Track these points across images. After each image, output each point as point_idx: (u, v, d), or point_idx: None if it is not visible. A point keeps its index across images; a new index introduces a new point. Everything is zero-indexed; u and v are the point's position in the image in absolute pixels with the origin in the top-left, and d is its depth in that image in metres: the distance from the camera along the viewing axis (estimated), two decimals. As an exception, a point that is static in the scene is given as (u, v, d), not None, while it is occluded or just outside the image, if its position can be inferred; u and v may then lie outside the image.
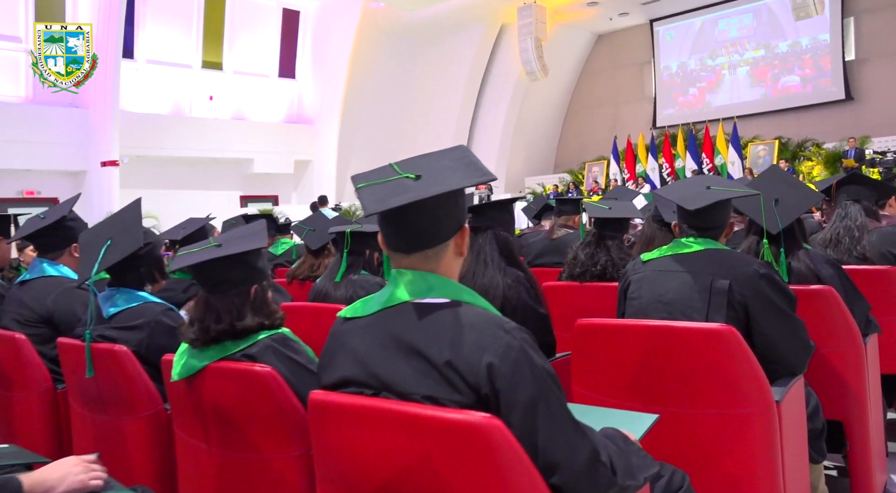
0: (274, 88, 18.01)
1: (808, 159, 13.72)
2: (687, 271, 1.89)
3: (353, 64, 17.34)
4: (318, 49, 18.09)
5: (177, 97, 16.25)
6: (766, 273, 1.86)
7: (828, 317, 2.20)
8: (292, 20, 18.06)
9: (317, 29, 18.07)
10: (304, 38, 18.30)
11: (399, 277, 1.17)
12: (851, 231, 2.83)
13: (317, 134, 18.35)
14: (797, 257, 2.29)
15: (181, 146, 16.16)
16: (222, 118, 16.92)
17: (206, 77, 16.65)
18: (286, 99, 18.42)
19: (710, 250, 1.93)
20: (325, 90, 18.00)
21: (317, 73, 18.22)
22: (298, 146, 18.40)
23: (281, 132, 18.12)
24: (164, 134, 15.65)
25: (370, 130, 18.27)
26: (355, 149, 18.09)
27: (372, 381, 1.13)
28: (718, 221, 1.98)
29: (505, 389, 1.05)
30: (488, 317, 1.12)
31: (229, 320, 1.48)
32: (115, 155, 14.21)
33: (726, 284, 1.83)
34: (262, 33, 17.44)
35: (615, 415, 1.48)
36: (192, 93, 16.44)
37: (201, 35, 16.32)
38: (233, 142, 16.99)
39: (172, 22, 15.70)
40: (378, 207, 1.11)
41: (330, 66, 17.68)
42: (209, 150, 16.67)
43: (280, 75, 18.10)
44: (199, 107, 16.61)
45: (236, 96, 17.18)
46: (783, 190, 2.32)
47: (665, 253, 1.98)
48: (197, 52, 16.39)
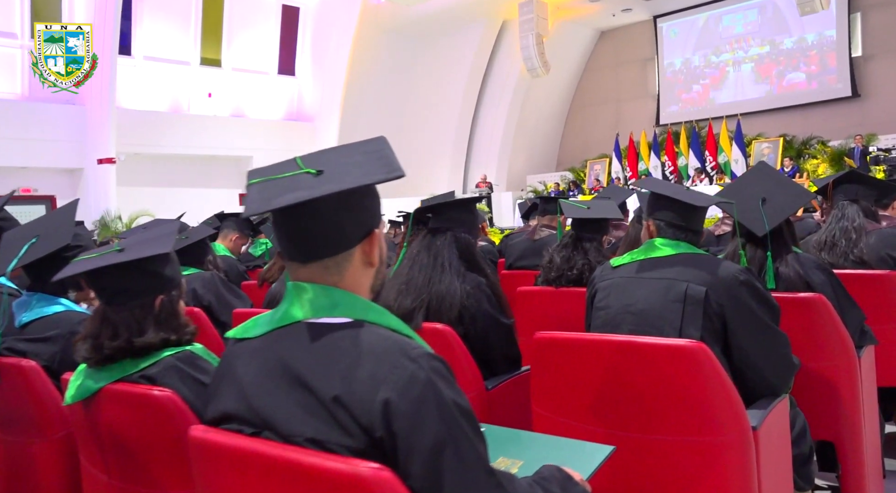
0: (273, 85, 17.87)
1: (814, 157, 13.47)
2: (659, 278, 1.71)
3: (353, 61, 17.19)
4: (317, 46, 17.94)
5: (175, 94, 16.13)
6: (747, 280, 1.67)
7: (818, 328, 2.01)
8: (292, 16, 17.91)
9: (317, 25, 17.93)
10: (304, 35, 18.15)
11: (296, 291, 0.99)
12: (848, 233, 2.63)
13: (317, 131, 18.20)
14: (785, 261, 2.10)
15: (179, 143, 16.07)
16: (221, 115, 16.80)
17: (205, 74, 16.52)
18: (286, 96, 18.28)
19: (686, 255, 1.74)
20: (325, 87, 17.86)
21: (317, 70, 18.07)
22: (298, 144, 18.20)
23: (280, 130, 17.99)
24: (162, 131, 15.54)
25: (370, 128, 18.08)
26: (355, 146, 17.95)
27: (253, 418, 0.95)
28: (697, 223, 1.80)
29: (404, 431, 0.87)
30: (393, 341, 0.94)
31: (127, 336, 1.31)
32: (111, 152, 14.10)
33: (702, 291, 1.64)
34: (261, 30, 17.30)
35: (564, 446, 1.29)
36: (190, 90, 16.32)
37: (199, 31, 16.19)
38: (232, 139, 16.86)
39: (170, 18, 15.57)
40: (258, 208, 0.94)
41: (330, 62, 17.53)
42: (208, 147, 16.56)
43: (279, 72, 17.96)
44: (197, 104, 16.49)
45: (235, 93, 17.05)
46: (771, 188, 2.13)
47: (636, 257, 1.79)
48: (195, 48, 16.26)
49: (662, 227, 1.77)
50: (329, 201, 0.96)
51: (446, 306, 1.94)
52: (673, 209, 1.76)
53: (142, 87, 15.38)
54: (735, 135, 14.37)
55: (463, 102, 18.49)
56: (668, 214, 1.76)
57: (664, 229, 1.77)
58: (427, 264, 2.00)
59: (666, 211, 1.77)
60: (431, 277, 1.97)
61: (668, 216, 1.76)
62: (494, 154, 18.92)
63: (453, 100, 18.47)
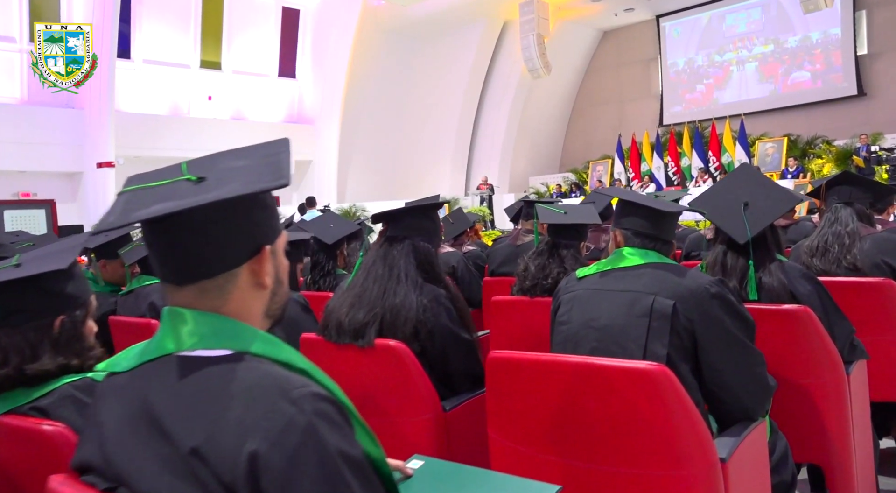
0: (274, 88, 17.80)
1: (819, 157, 13.26)
2: (624, 290, 1.57)
3: (353, 62, 17.09)
4: (318, 48, 17.86)
5: (175, 97, 16.08)
6: (719, 292, 1.53)
7: (803, 341, 1.87)
8: (292, 19, 17.84)
9: (317, 27, 17.85)
10: (304, 37, 18.08)
11: (170, 318, 0.85)
12: (841, 238, 2.48)
13: (317, 134, 18.12)
14: (769, 270, 1.95)
15: (180, 147, 15.98)
16: (221, 118, 16.73)
17: (205, 77, 16.47)
18: (286, 99, 18.20)
19: (654, 265, 1.60)
20: (325, 89, 17.77)
21: (317, 73, 17.99)
22: (299, 146, 18.17)
23: (281, 132, 17.80)
24: (162, 135, 15.50)
25: (371, 130, 18.02)
26: (356, 148, 17.86)
27: (108, 471, 0.81)
28: (667, 231, 1.66)
29: (274, 491, 0.72)
30: (273, 378, 0.79)
31: (17, 363, 1.18)
32: (111, 156, 14.06)
33: (670, 305, 1.50)
34: (261, 32, 17.24)
35: (508, 485, 1.16)
36: (190, 93, 16.26)
37: (199, 34, 16.15)
38: (232, 142, 16.32)
39: (169, 21, 15.52)
40: (113, 222, 0.81)
41: (330, 65, 17.45)
42: (208, 150, 15.75)
43: (280, 75, 17.89)
44: (197, 107, 16.43)
45: (235, 96, 16.99)
46: (754, 192, 1.99)
47: (602, 268, 1.65)
48: (195, 51, 16.21)
49: (630, 236, 1.64)
50: (204, 213, 0.82)
51: (401, 320, 1.80)
52: (640, 216, 1.62)
53: (141, 90, 15.34)
54: (739, 135, 14.17)
55: (464, 103, 18.36)
56: (635, 222, 1.62)
57: (631, 239, 1.63)
58: (382, 275, 1.86)
59: (633, 218, 1.63)
60: (386, 288, 1.84)
61: (636, 224, 1.62)
62: (496, 155, 18.78)
63: (454, 101, 18.34)
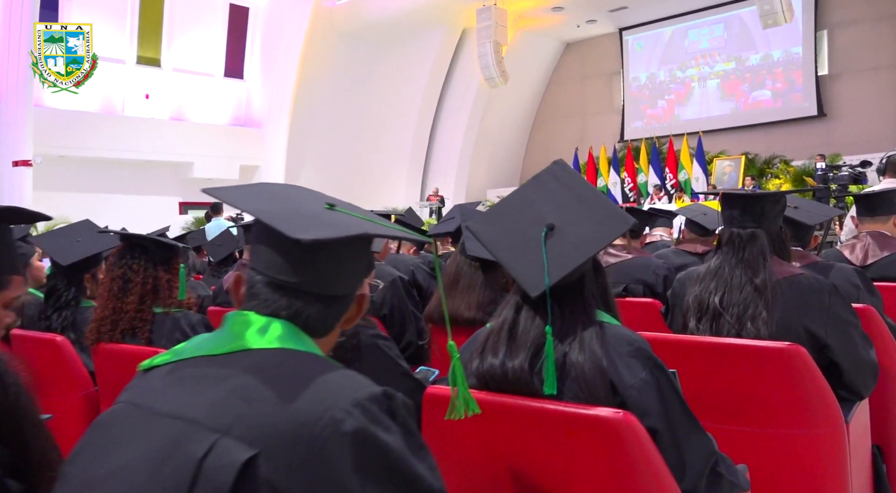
0: (219, 88, 16.91)
1: (776, 177, 12.81)
2: (172, 416, 0.76)
3: (304, 65, 16.29)
4: (268, 48, 17.03)
5: (108, 94, 15.06)
6: (361, 430, 0.76)
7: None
8: (240, 17, 17.01)
9: (267, 27, 17.04)
10: (254, 36, 17.24)
11: None
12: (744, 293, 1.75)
13: (265, 138, 17.25)
14: (580, 340, 1.18)
15: (112, 147, 15.04)
16: (160, 118, 15.77)
17: (142, 74, 15.53)
18: (232, 100, 17.30)
19: (271, 354, 0.81)
20: (275, 92, 16.93)
21: (267, 74, 17.14)
22: (245, 150, 17.30)
23: (225, 135, 17.01)
24: (91, 133, 14.50)
25: (324, 136, 17.19)
26: (306, 155, 17.02)
27: None
28: (334, 280, 0.87)
29: None
30: None
31: None
32: (28, 154, 13.02)
33: (242, 458, 0.70)
34: (206, 29, 16.37)
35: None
36: (125, 90, 15.29)
37: (136, 28, 15.22)
38: (171, 144, 15.84)
39: (103, 12, 14.53)
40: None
41: (281, 66, 16.64)
42: (144, 151, 15.52)
43: (226, 75, 17.03)
44: (133, 105, 15.46)
45: (176, 95, 16.04)
46: (567, 209, 1.22)
47: (182, 355, 0.85)
48: (131, 46, 15.27)
49: (259, 286, 0.85)
50: None
51: None
52: (276, 250, 0.84)
53: (68, 84, 14.34)
54: (696, 152, 13.67)
55: (421, 111, 17.66)
56: (268, 259, 0.85)
57: (261, 291, 0.85)
58: None
59: (265, 250, 0.85)
60: None
61: (269, 264, 0.85)
62: (453, 166, 18.11)
63: (411, 109, 17.63)
